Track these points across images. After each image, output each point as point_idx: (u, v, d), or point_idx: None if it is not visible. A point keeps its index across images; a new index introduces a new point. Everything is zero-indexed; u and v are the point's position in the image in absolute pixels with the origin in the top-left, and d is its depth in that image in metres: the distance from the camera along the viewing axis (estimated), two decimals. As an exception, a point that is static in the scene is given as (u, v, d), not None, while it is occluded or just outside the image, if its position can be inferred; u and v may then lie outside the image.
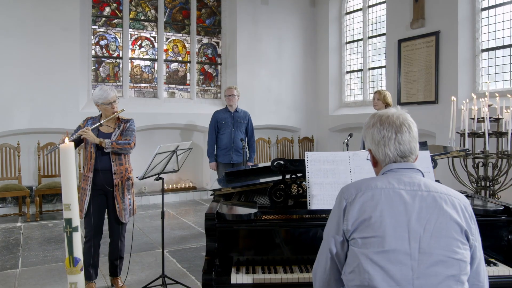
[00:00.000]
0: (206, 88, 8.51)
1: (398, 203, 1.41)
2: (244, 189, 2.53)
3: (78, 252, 2.00)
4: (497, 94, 4.41)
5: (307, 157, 2.28)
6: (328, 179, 2.25)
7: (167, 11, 8.08)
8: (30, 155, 6.85)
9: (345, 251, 1.47)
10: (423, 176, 1.53)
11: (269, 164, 4.07)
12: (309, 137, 9.12)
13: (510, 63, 6.05)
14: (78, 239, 1.98)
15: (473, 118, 3.69)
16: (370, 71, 8.37)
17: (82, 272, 1.96)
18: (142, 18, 7.88)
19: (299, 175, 2.41)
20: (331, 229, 1.50)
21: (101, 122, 3.46)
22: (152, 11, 7.95)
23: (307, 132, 9.15)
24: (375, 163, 1.60)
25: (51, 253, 4.76)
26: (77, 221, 2.09)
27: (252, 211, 2.07)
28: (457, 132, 3.72)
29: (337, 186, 2.24)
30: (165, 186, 7.87)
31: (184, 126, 8.03)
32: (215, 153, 5.70)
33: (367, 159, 1.75)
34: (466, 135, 3.52)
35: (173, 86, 8.21)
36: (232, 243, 2.09)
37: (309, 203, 2.18)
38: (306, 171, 2.24)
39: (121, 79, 7.69)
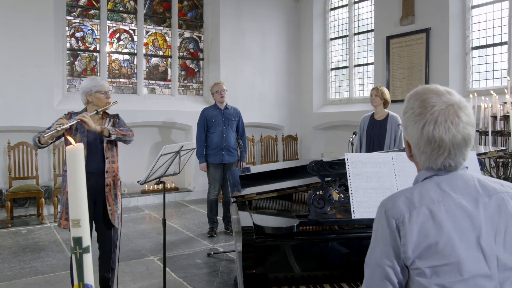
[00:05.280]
0: (187, 84, 8.14)
1: (462, 218, 1.17)
2: (271, 195, 2.25)
3: (89, 277, 1.66)
4: (492, 93, 4.33)
5: (347, 159, 2.03)
6: (371, 183, 2.01)
7: (147, 2, 7.65)
8: (-2, 155, 6.31)
9: (406, 280, 1.21)
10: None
11: (278, 165, 3.80)
12: (292, 135, 8.92)
13: (501, 61, 6.04)
14: (89, 261, 1.64)
15: (495, 116, 3.57)
16: (356, 68, 8.24)
17: (94, 303, 1.64)
18: (121, 9, 7.42)
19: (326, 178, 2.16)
20: (382, 257, 1.20)
21: (98, 110, 3.06)
22: (131, 2, 7.50)
23: (291, 130, 8.94)
24: (411, 156, 1.33)
25: (29, 265, 4.31)
26: (88, 240, 1.72)
27: (294, 222, 1.81)
28: (477, 131, 3.59)
29: (382, 192, 2.00)
30: (145, 187, 7.47)
31: (162, 123, 7.64)
32: (204, 153, 5.38)
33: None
34: (490, 133, 3.40)
35: (153, 82, 7.79)
36: (270, 259, 1.82)
37: (353, 211, 1.93)
38: (348, 175, 1.99)
39: (98, 74, 7.20)
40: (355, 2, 8.14)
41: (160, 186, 7.65)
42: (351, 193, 1.96)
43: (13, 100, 6.15)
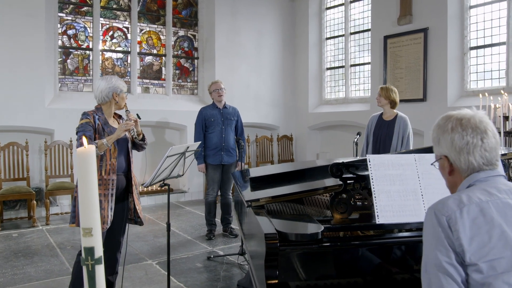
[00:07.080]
0: (182, 83, 8.00)
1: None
2: (287, 199, 2.15)
3: (102, 289, 1.54)
4: (502, 92, 4.29)
5: (369, 161, 1.94)
6: (395, 186, 1.92)
7: (141, 0, 7.49)
8: (-13, 156, 6.10)
9: (466, 277, 1.22)
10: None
11: (281, 166, 3.70)
12: (288, 136, 8.83)
13: (499, 62, 6.03)
14: (101, 273, 1.52)
15: (506, 116, 3.52)
16: (352, 68, 8.18)
17: (107, 316, 1.52)
18: (114, 6, 7.25)
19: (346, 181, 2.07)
20: (439, 256, 1.22)
21: (128, 110, 3.13)
22: (125, 0, 7.34)
23: (286, 130, 8.85)
24: (451, 171, 1.40)
25: (21, 270, 4.15)
26: (100, 251, 1.59)
27: (318, 228, 1.71)
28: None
29: (405, 195, 1.92)
30: (140, 189, 7.30)
31: (156, 123, 7.49)
32: (203, 153, 5.26)
33: (431, 164, 1.52)
34: (502, 134, 3.35)
35: (147, 80, 7.64)
36: (291, 267, 1.72)
37: (377, 216, 1.84)
38: (370, 177, 1.90)
39: (91, 72, 7.03)
40: (351, 2, 8.08)
41: (155, 187, 7.52)
42: (375, 197, 1.88)
43: (3, 99, 5.95)
